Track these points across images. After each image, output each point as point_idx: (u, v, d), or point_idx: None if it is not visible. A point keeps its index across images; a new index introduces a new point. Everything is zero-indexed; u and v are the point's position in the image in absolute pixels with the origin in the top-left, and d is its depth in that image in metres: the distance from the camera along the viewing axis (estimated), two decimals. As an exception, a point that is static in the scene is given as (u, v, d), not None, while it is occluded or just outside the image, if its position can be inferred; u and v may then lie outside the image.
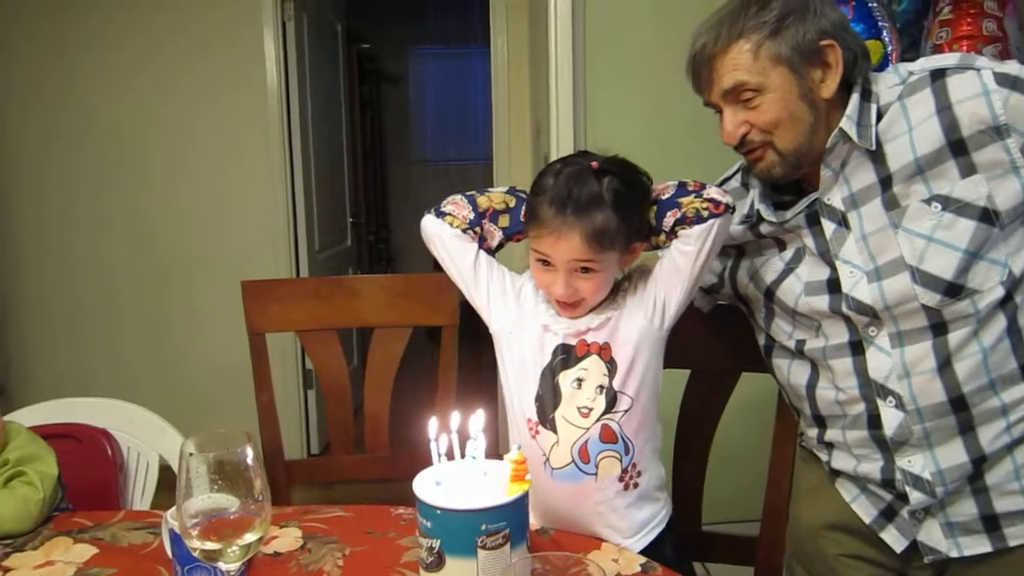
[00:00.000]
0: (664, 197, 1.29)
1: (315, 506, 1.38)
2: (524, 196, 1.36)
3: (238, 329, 1.80)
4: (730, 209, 1.28)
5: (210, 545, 0.93)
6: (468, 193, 1.38)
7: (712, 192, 1.27)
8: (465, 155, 6.51)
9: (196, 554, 0.94)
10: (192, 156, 3.61)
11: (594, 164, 1.26)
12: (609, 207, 1.23)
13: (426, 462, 1.08)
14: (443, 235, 1.36)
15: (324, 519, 1.34)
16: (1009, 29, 2.06)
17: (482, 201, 1.36)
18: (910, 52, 2.23)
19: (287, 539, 1.27)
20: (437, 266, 1.45)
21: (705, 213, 1.26)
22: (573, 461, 1.27)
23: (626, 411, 1.27)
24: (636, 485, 1.29)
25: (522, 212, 1.35)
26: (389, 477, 1.82)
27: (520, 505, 1.03)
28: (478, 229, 1.36)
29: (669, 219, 1.28)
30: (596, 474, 1.27)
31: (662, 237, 1.31)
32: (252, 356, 1.80)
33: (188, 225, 3.64)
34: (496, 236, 1.38)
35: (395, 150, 6.76)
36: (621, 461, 1.28)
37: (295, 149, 3.69)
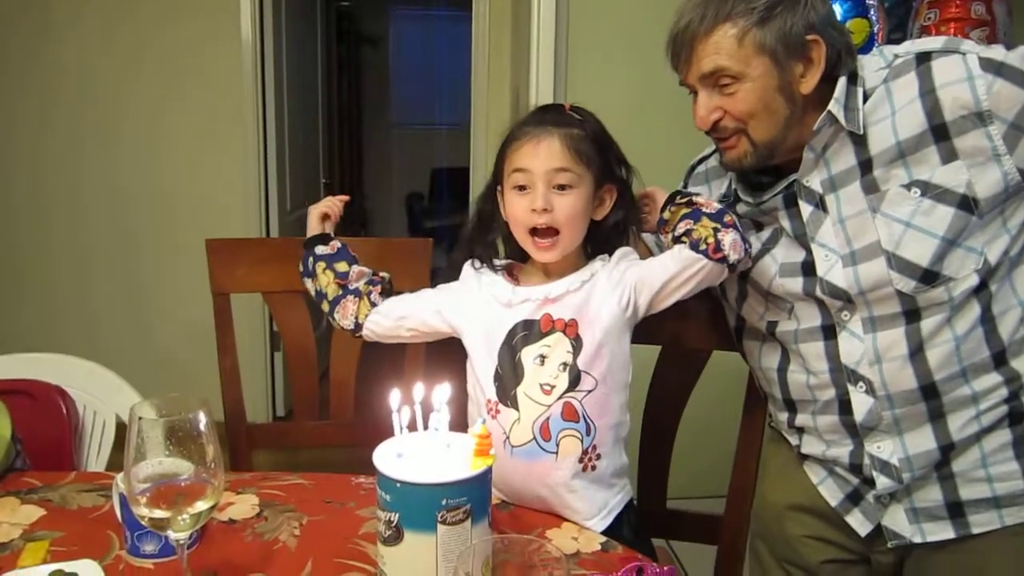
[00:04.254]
0: (705, 210, 1.24)
1: (273, 473, 1.35)
2: (335, 253, 1.43)
3: (207, 289, 1.76)
4: (727, 264, 1.21)
5: (159, 513, 0.90)
6: (325, 294, 1.40)
7: (726, 238, 1.20)
8: (442, 120, 6.43)
9: (144, 522, 0.91)
10: (165, 114, 3.51)
11: (566, 105, 1.30)
12: (584, 132, 1.26)
13: (391, 431, 1.05)
14: (386, 327, 1.37)
15: (282, 487, 1.31)
16: (997, 12, 2.04)
17: (330, 288, 1.40)
18: (896, 32, 2.21)
19: (243, 506, 1.24)
20: (412, 230, 1.42)
21: (703, 246, 1.21)
22: (534, 438, 1.25)
23: (589, 391, 1.24)
24: (594, 468, 1.26)
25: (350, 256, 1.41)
26: (353, 443, 1.80)
27: (483, 480, 1.00)
28: (368, 286, 1.38)
29: (682, 226, 1.25)
30: (556, 452, 1.24)
31: (669, 238, 1.28)
32: (215, 317, 1.76)
33: (161, 183, 3.56)
34: (365, 275, 1.40)
35: (372, 112, 6.66)
36: (582, 441, 1.24)
37: (269, 107, 3.61)
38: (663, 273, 1.25)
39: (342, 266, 1.40)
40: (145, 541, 1.07)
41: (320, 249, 1.42)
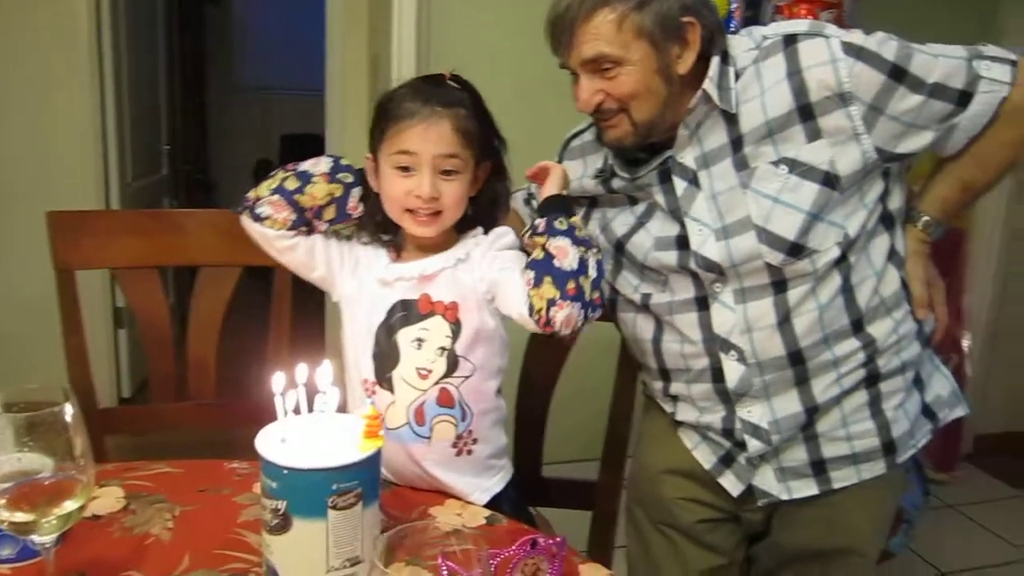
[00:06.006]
0: (556, 264, 1.15)
1: (138, 463, 1.27)
2: (351, 180, 1.28)
3: (46, 264, 1.62)
4: (557, 336, 1.17)
5: (20, 516, 0.82)
6: (286, 188, 1.25)
7: (560, 314, 1.13)
8: (295, 84, 6.18)
9: (4, 527, 0.83)
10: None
11: (446, 74, 1.25)
12: (468, 109, 1.22)
13: (258, 409, 1.01)
14: (267, 236, 1.27)
15: (149, 476, 1.23)
16: (844, -4, 2.16)
17: (304, 200, 1.24)
18: (749, 11, 2.29)
19: (107, 499, 1.15)
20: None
21: (534, 315, 1.15)
22: (408, 423, 1.24)
23: (467, 377, 1.24)
24: (470, 452, 1.26)
25: (349, 200, 1.27)
26: (216, 425, 1.72)
27: (373, 463, 0.98)
28: (303, 228, 1.27)
29: (527, 277, 1.17)
30: (430, 437, 1.24)
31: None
32: (59, 295, 1.62)
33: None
34: (322, 227, 1.29)
35: (216, 75, 6.33)
36: (456, 427, 1.24)
37: (106, 69, 3.34)
38: (508, 310, 1.22)
39: (330, 212, 1.27)
40: (1, 545, 0.98)
41: (348, 178, 1.28)
